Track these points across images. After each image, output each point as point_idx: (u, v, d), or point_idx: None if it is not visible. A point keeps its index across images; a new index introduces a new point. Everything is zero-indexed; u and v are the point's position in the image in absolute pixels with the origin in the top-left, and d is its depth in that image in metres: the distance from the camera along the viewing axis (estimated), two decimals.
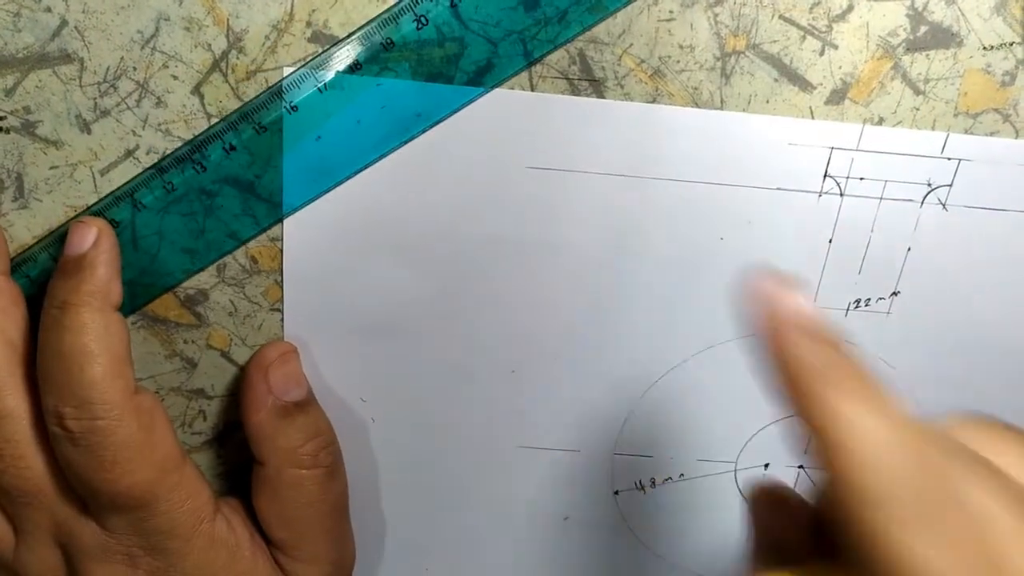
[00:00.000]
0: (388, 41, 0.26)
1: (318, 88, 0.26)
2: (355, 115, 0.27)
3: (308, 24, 0.26)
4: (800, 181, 0.29)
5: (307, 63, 0.26)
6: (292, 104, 0.26)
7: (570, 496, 0.34)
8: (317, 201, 0.28)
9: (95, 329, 0.25)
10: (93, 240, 0.26)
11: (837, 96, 0.28)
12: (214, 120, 0.27)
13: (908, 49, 0.27)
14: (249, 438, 0.29)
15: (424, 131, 0.27)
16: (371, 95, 0.27)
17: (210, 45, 0.26)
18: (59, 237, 0.28)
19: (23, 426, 0.27)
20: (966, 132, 0.28)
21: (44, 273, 0.28)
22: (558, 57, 0.27)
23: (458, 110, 0.27)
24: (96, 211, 0.28)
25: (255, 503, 0.30)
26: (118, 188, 0.27)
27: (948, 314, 0.31)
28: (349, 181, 0.28)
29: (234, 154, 0.27)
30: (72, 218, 0.28)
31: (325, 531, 0.30)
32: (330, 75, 0.26)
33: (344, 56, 0.26)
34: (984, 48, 0.27)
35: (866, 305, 0.31)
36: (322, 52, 0.26)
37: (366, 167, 0.28)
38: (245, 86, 0.27)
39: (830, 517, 0.19)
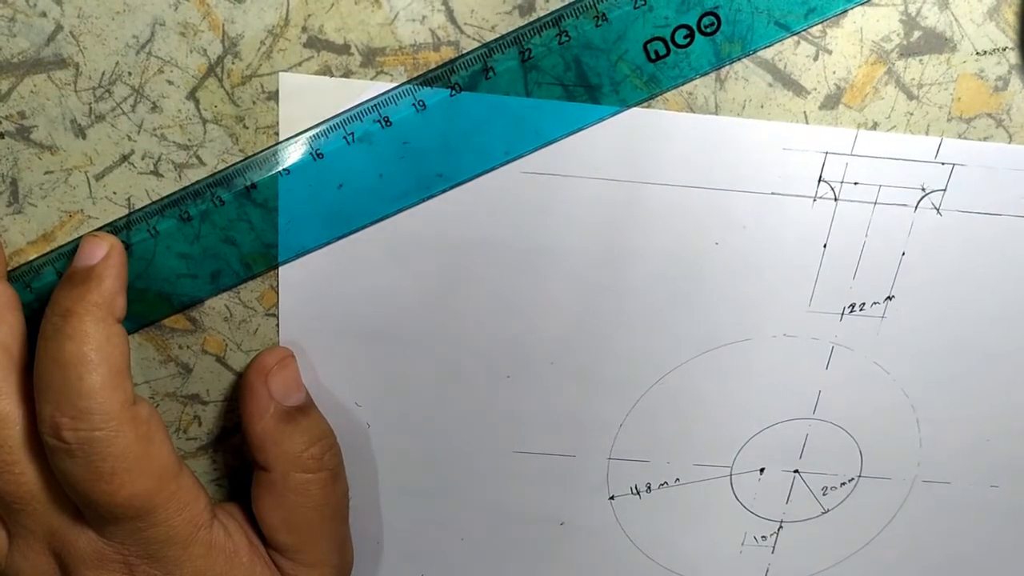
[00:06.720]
0: (420, 103, 0.26)
1: (345, 139, 0.27)
2: (378, 169, 0.27)
3: (304, 29, 0.26)
4: (795, 186, 0.29)
5: (340, 115, 0.27)
6: (318, 151, 0.27)
7: (565, 501, 0.34)
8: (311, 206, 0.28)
9: (96, 339, 0.25)
10: (104, 254, 0.26)
11: (831, 101, 0.28)
12: (209, 125, 0.27)
13: (902, 54, 0.27)
14: (252, 445, 0.29)
15: (445, 191, 0.28)
16: (396, 151, 0.27)
17: (205, 50, 0.26)
18: (65, 252, 0.28)
19: (17, 431, 0.26)
20: (960, 137, 0.28)
21: (47, 287, 0.28)
22: (553, 63, 0.27)
23: (480, 175, 0.28)
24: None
25: (258, 509, 0.30)
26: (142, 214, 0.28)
27: (943, 318, 0.31)
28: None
29: (254, 192, 0.27)
30: (66, 224, 0.28)
31: (328, 535, 0.30)
32: (359, 128, 0.27)
33: (372, 112, 0.27)
34: (977, 53, 0.27)
35: (861, 310, 0.31)
36: (357, 105, 0.27)
37: (384, 218, 0.28)
38: (240, 91, 0.27)
39: None
